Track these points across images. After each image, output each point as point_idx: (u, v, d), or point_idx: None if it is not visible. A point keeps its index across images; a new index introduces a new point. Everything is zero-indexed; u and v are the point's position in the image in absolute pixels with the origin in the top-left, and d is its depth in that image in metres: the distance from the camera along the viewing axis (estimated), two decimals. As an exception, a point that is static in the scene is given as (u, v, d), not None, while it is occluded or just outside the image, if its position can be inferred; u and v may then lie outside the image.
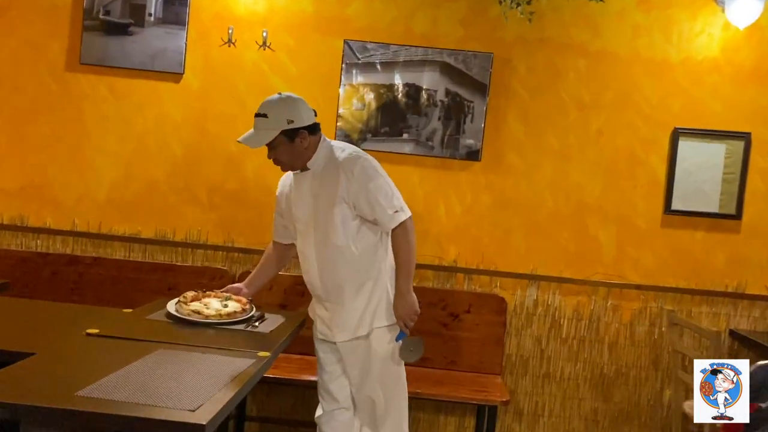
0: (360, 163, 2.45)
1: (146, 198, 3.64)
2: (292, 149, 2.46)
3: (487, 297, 3.58)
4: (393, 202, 2.45)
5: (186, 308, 2.58)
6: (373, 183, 2.43)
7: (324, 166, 2.51)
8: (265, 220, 3.58)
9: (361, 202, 2.44)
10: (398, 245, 2.50)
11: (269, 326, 2.61)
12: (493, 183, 3.59)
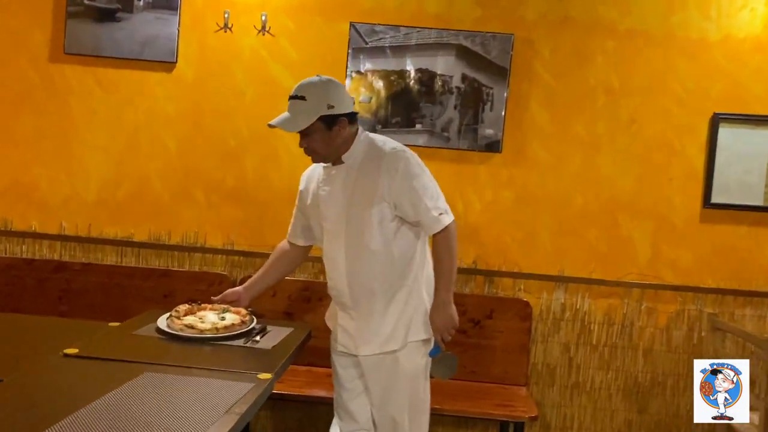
0: (405, 159, 2.20)
1: (139, 198, 3.37)
2: (328, 138, 2.20)
3: (510, 301, 3.29)
4: (438, 203, 2.22)
5: (178, 323, 2.30)
6: (418, 181, 2.19)
7: (362, 161, 2.25)
8: (268, 220, 3.30)
9: (404, 202, 2.19)
10: (440, 251, 2.25)
11: (271, 341, 2.33)
12: (516, 177, 3.29)
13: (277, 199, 3.33)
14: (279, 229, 3.33)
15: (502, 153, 3.26)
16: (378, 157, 2.21)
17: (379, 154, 2.22)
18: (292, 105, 2.21)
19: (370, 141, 2.28)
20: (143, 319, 2.48)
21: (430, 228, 2.23)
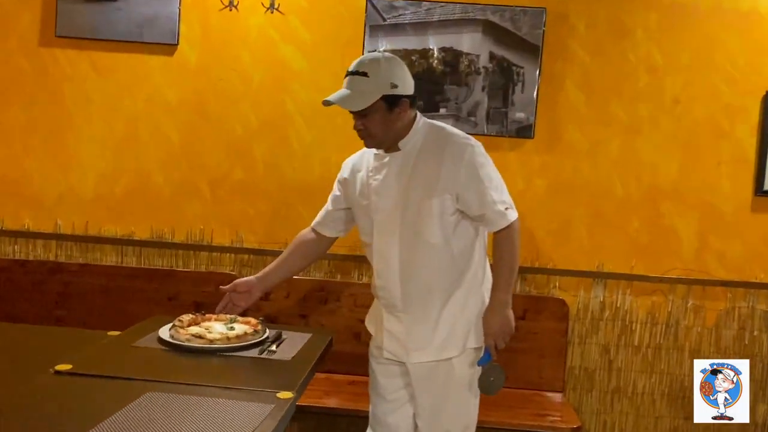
0: (470, 147, 2.02)
1: (139, 193, 3.11)
2: (388, 120, 2.00)
3: (544, 300, 3.03)
4: (503, 197, 2.04)
5: (183, 332, 2.05)
6: (484, 172, 2.01)
7: (420, 148, 2.05)
8: (280, 215, 3.04)
9: (469, 193, 2.00)
10: (502, 248, 2.05)
11: (289, 350, 2.08)
12: (549, 164, 3.02)
13: (289, 192, 3.07)
14: (292, 225, 3.07)
15: (534, 138, 2.99)
16: (440, 145, 2.02)
17: (441, 142, 2.03)
18: (352, 81, 2.01)
19: (431, 127, 2.09)
20: (145, 328, 2.22)
21: (494, 223, 2.02)
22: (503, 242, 2.04)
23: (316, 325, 3.04)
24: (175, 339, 2.04)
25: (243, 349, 2.03)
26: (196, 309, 3.04)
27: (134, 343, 2.04)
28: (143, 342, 2.06)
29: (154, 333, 2.13)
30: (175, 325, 2.11)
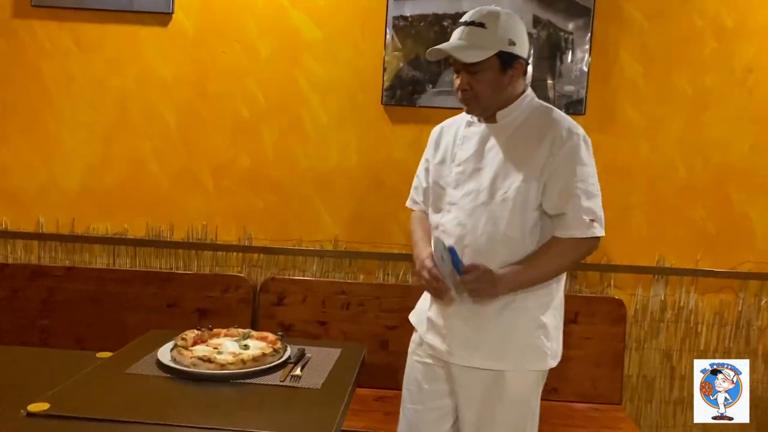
0: (577, 137, 1.75)
1: (132, 185, 2.72)
2: (499, 82, 1.75)
3: (598, 301, 2.65)
4: (593, 206, 1.74)
5: (188, 355, 1.67)
6: (583, 170, 1.74)
7: (520, 125, 1.79)
8: (293, 208, 2.66)
9: (556, 186, 1.73)
10: (557, 250, 1.74)
11: (317, 373, 1.71)
12: (603, 144, 2.63)
13: (303, 181, 2.68)
14: (306, 219, 2.70)
15: (586, 115, 2.60)
16: (544, 125, 1.77)
17: (546, 122, 1.77)
18: (466, 32, 1.75)
19: (539, 105, 1.82)
20: (141, 347, 1.85)
21: (571, 230, 1.73)
22: (565, 248, 1.73)
23: (338, 334, 2.66)
24: (178, 363, 1.66)
25: (261, 375, 1.66)
26: (200, 317, 2.69)
27: (128, 370, 1.67)
28: (139, 367, 1.68)
29: (152, 355, 1.75)
30: (177, 345, 1.74)
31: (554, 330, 1.83)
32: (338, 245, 2.70)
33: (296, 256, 2.71)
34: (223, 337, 1.90)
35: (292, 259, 2.72)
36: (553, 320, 1.82)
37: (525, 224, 1.73)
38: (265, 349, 1.76)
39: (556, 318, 1.83)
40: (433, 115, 2.53)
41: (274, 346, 1.78)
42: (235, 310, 2.67)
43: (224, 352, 1.75)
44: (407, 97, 2.62)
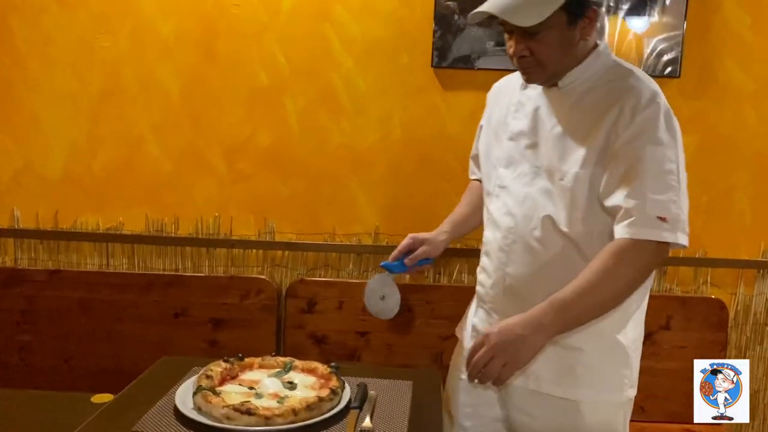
0: (656, 106, 1.32)
1: (128, 170, 2.24)
2: (568, 40, 1.35)
3: (694, 302, 2.21)
4: (667, 201, 1.26)
5: (218, 403, 1.21)
6: (657, 150, 1.28)
7: (588, 90, 1.38)
8: (324, 196, 2.20)
9: (619, 171, 1.30)
10: (614, 261, 1.27)
11: (390, 418, 1.27)
12: (701, 113, 2.18)
13: (336, 162, 2.21)
14: (341, 209, 2.23)
15: (681, 78, 2.14)
16: (617, 90, 1.34)
17: (620, 86, 1.34)
18: None
19: (614, 65, 1.40)
20: (151, 384, 1.39)
21: (634, 227, 1.26)
22: (618, 256, 1.26)
23: (381, 347, 2.21)
24: (205, 413, 1.21)
25: (320, 429, 1.20)
26: (213, 329, 2.23)
27: (136, 426, 1.20)
28: (151, 422, 1.21)
29: (167, 399, 1.29)
30: (201, 387, 1.27)
31: (633, 351, 1.44)
32: (379, 239, 2.23)
33: (329, 252, 2.25)
34: (258, 369, 1.44)
35: (323, 257, 2.26)
36: (633, 336, 1.44)
37: (591, 224, 1.33)
38: (319, 391, 1.30)
39: (635, 333, 1.46)
40: (495, 79, 2.06)
41: (329, 385, 1.32)
42: (257, 319, 2.21)
43: (264, 395, 1.29)
44: (464, 58, 2.14)
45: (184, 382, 1.35)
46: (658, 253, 1.27)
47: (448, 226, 1.66)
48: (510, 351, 1.21)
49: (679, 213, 1.26)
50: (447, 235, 1.64)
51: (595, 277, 1.25)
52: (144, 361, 2.16)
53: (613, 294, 1.27)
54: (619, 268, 1.25)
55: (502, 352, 1.21)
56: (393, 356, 2.21)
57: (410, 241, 1.59)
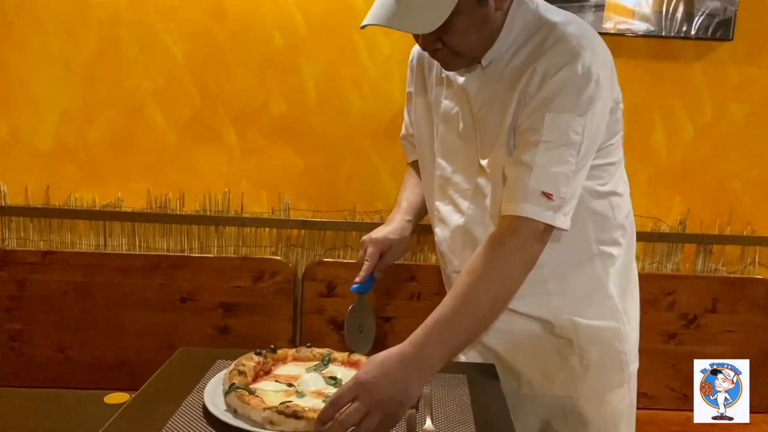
0: (571, 66, 1.10)
1: (127, 141, 2.03)
2: (479, 20, 1.13)
3: (742, 283, 2.07)
4: (558, 176, 1.10)
5: (256, 404, 1.03)
6: (558, 118, 1.10)
7: (512, 57, 1.18)
8: (344, 169, 2.03)
9: (517, 138, 1.15)
10: (494, 257, 1.08)
11: (451, 418, 1.11)
12: (754, 80, 2.02)
13: (357, 132, 2.03)
14: (362, 183, 2.04)
15: (734, 41, 1.97)
16: (534, 50, 1.14)
17: (539, 44, 1.14)
18: None
19: (537, 18, 1.17)
20: (172, 379, 1.20)
21: (514, 203, 1.10)
22: (503, 238, 1.09)
23: (407, 333, 2.03)
24: (242, 416, 1.03)
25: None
26: (224, 314, 2.04)
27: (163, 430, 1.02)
28: (179, 426, 1.03)
29: (193, 398, 1.11)
30: (235, 385, 1.09)
31: (626, 316, 1.31)
32: (404, 216, 2.05)
33: (349, 231, 2.07)
34: (292, 362, 1.26)
35: (343, 236, 2.07)
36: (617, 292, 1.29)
37: None
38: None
39: (623, 290, 1.31)
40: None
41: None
42: (271, 304, 2.03)
43: (306, 393, 1.11)
44: (498, 17, 1.95)
45: (210, 379, 1.17)
46: (542, 232, 1.09)
47: (408, 213, 1.44)
48: (391, 404, 0.96)
49: (567, 192, 1.09)
50: (411, 225, 1.43)
51: (472, 279, 1.05)
52: (148, 351, 2.01)
53: (497, 293, 1.08)
54: (498, 260, 1.07)
55: (380, 407, 0.94)
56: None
57: (376, 249, 1.35)
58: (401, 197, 1.48)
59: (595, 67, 1.09)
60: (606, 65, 1.14)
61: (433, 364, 1.02)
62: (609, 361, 1.29)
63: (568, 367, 1.28)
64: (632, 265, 1.33)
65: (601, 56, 1.12)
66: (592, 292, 1.26)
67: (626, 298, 1.30)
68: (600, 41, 1.15)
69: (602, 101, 1.11)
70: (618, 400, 1.32)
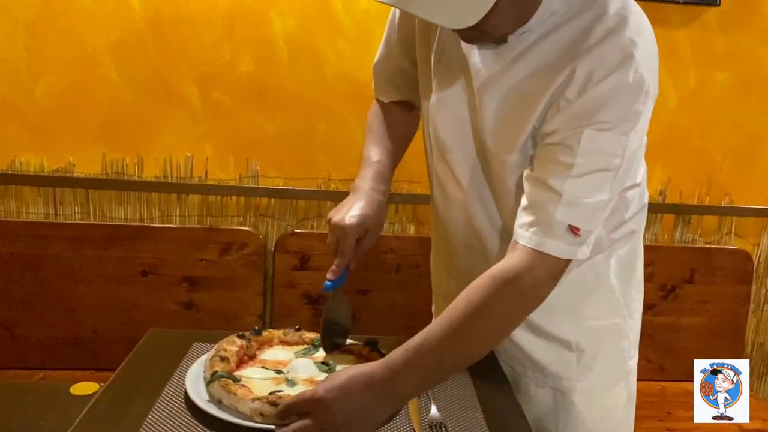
0: (622, 73, 0.88)
1: (79, 98, 1.85)
2: (522, 1, 0.91)
3: (720, 253, 2.07)
4: (590, 209, 0.93)
5: (244, 394, 0.93)
6: (599, 137, 0.90)
7: (544, 35, 0.95)
8: (317, 133, 1.91)
9: (545, 150, 0.95)
10: (498, 296, 0.91)
11: (456, 403, 1.05)
12: (738, 48, 1.98)
13: (332, 93, 1.90)
14: (337, 149, 1.93)
15: (721, 6, 1.92)
16: (574, 40, 0.92)
17: (581, 33, 0.91)
18: None
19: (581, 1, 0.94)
20: (144, 364, 1.08)
21: (533, 235, 0.92)
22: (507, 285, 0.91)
23: (384, 305, 1.96)
24: (229, 408, 0.92)
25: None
26: (189, 289, 1.91)
27: (143, 429, 0.90)
28: (160, 420, 0.92)
29: (173, 388, 1.00)
30: (218, 373, 0.98)
31: (633, 312, 1.18)
32: (380, 185, 1.95)
33: (323, 200, 1.95)
34: (279, 345, 1.15)
35: (316, 206, 1.96)
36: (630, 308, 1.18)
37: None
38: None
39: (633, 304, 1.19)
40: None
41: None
42: (240, 278, 1.91)
43: (298, 381, 1.01)
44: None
45: (188, 365, 1.05)
46: (560, 270, 0.94)
47: (381, 180, 1.15)
48: (347, 429, 0.85)
49: (597, 225, 0.94)
50: (386, 197, 1.15)
51: (470, 313, 0.90)
52: (106, 329, 1.86)
53: (495, 333, 0.95)
54: (504, 299, 0.91)
55: (334, 429, 0.84)
56: (397, 316, 1.96)
57: (351, 237, 1.05)
58: (369, 152, 1.19)
59: (647, 72, 0.90)
60: (656, 65, 0.95)
61: (404, 395, 0.90)
62: (608, 358, 1.17)
63: (564, 365, 1.16)
64: (638, 252, 1.19)
65: (652, 55, 0.93)
66: (593, 286, 1.13)
67: (629, 290, 1.17)
68: (652, 33, 0.94)
69: (648, 114, 0.93)
70: (615, 396, 1.21)
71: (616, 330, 1.16)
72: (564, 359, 1.15)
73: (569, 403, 1.17)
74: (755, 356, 2.20)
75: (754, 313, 2.16)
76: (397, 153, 1.21)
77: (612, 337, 1.16)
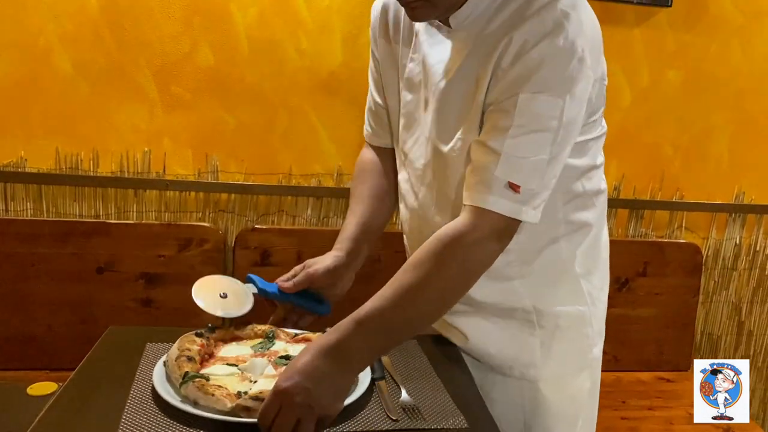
0: (552, 38, 0.95)
1: (30, 90, 1.79)
2: None
3: (671, 247, 2.14)
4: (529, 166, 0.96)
5: (222, 394, 0.92)
6: (534, 99, 0.95)
7: (485, 25, 1.02)
8: (279, 127, 1.90)
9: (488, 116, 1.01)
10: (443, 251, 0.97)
11: (419, 382, 1.06)
12: (690, 47, 2.04)
13: (294, 87, 1.89)
14: (298, 143, 1.92)
15: (673, 7, 1.98)
16: (514, 14, 0.98)
17: (521, 8, 0.98)
18: None
19: None
20: (105, 364, 1.06)
21: (475, 193, 0.97)
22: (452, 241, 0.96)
23: (344, 300, 1.93)
24: (206, 408, 0.91)
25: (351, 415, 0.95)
26: (146, 286, 1.88)
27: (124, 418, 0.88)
28: (134, 422, 0.90)
29: (139, 389, 0.98)
30: (189, 374, 0.96)
31: (595, 301, 1.21)
32: (342, 180, 1.95)
33: (284, 196, 1.94)
34: (232, 341, 1.14)
35: (277, 201, 1.95)
36: (592, 296, 1.20)
37: None
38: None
39: (597, 291, 1.22)
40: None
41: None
42: (199, 274, 1.77)
43: (259, 380, 1.01)
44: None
45: (149, 364, 1.03)
46: (503, 229, 0.97)
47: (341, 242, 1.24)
48: (321, 403, 0.87)
49: (539, 184, 0.97)
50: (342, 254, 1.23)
51: (417, 274, 0.94)
52: (60, 326, 1.82)
53: (443, 293, 0.98)
54: (449, 256, 0.95)
55: (309, 410, 0.86)
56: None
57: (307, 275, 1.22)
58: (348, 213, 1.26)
59: (580, 40, 0.94)
60: (593, 39, 0.99)
61: (359, 358, 0.92)
62: (572, 346, 1.19)
63: (528, 351, 1.18)
64: (601, 242, 1.22)
65: (588, 27, 0.97)
66: (557, 274, 1.16)
67: (592, 280, 1.19)
68: (589, 10, 1.00)
69: (584, 81, 0.97)
70: (579, 384, 1.23)
71: (579, 316, 1.18)
72: (528, 344, 1.17)
73: (535, 390, 1.19)
74: (704, 346, 2.28)
75: (703, 305, 2.24)
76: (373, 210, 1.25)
77: (575, 324, 1.18)
